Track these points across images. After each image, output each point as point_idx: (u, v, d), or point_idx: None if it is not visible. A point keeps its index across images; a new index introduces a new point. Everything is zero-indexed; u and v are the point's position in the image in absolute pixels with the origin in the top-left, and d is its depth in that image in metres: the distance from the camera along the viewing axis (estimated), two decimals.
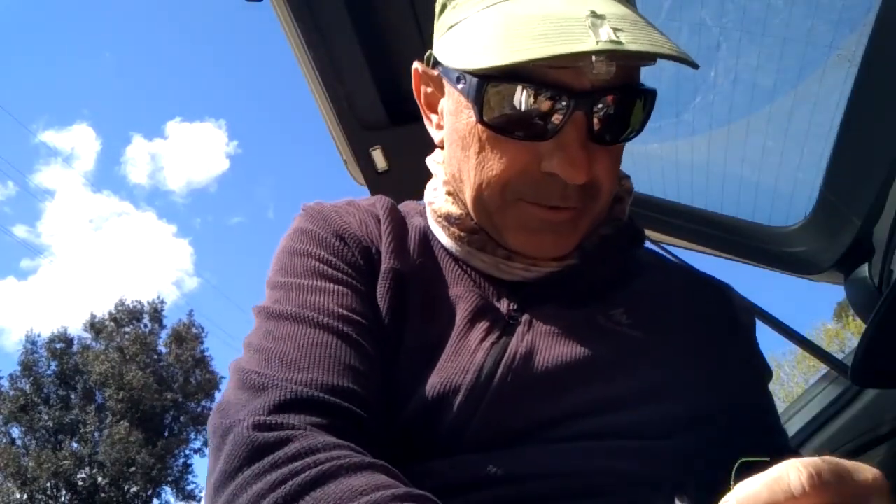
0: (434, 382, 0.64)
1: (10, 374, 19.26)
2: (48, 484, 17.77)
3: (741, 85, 1.30)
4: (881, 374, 1.24)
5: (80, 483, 18.35)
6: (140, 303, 21.43)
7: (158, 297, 22.33)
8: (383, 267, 0.71)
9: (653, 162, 1.59)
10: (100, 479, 18.43)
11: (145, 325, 21.18)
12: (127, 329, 20.60)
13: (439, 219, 0.76)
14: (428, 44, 0.77)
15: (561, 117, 0.63)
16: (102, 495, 18.24)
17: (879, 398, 1.52)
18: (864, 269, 1.32)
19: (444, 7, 0.73)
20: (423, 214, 0.81)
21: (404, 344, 0.68)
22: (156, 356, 20.58)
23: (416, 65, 0.79)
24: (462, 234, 0.74)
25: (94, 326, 20.61)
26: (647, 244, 0.90)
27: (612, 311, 0.71)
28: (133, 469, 17.83)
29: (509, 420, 0.63)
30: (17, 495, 17.63)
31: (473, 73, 0.64)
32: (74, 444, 18.91)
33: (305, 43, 1.34)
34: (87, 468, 18.58)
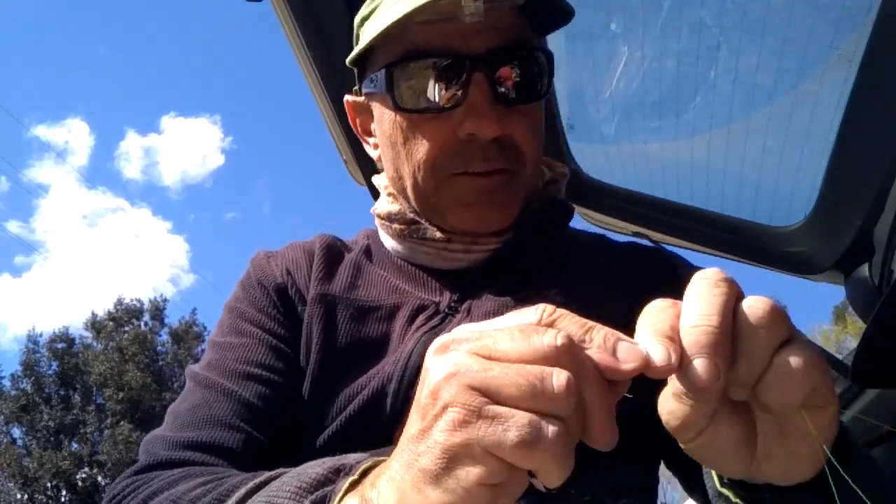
0: (372, 375, 0.70)
1: (12, 374, 19.28)
2: (49, 484, 17.76)
3: (741, 85, 1.30)
4: (881, 374, 1.24)
5: (80, 483, 18.35)
6: (139, 301, 21.45)
7: (161, 296, 22.38)
8: (310, 295, 0.78)
9: (653, 162, 1.59)
10: (100, 478, 18.44)
11: (146, 324, 21.18)
12: (126, 328, 20.59)
13: (383, 222, 0.84)
14: None
15: (464, 82, 0.70)
16: (103, 495, 18.25)
17: (879, 398, 1.52)
18: (864, 269, 1.32)
19: (357, 38, 0.82)
20: (369, 236, 0.89)
21: (340, 354, 0.73)
22: (155, 356, 20.57)
23: (346, 98, 0.88)
24: (402, 227, 0.81)
25: (95, 325, 20.61)
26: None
27: (548, 292, 0.75)
28: None
29: None
30: (18, 495, 17.63)
31: (379, 67, 0.74)
32: (74, 445, 18.92)
33: (305, 43, 1.34)
34: (88, 468, 18.59)
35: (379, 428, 0.67)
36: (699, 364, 0.41)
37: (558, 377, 0.39)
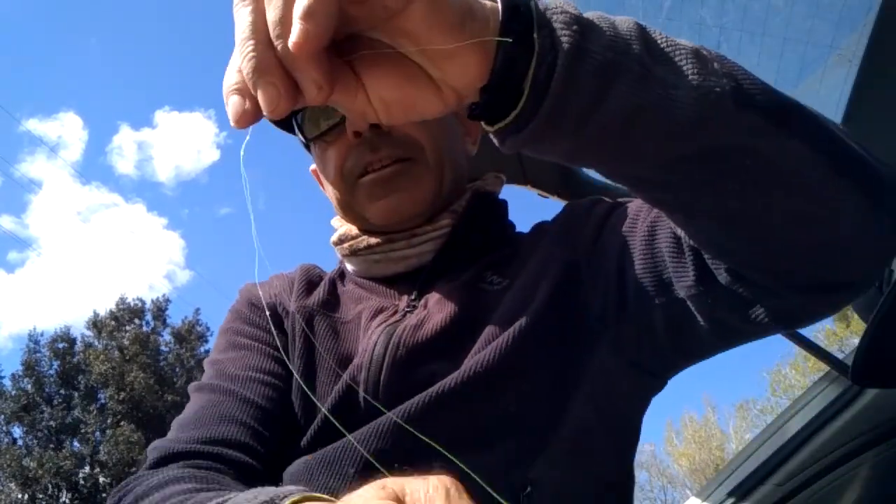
0: (345, 372, 0.75)
1: (13, 374, 19.31)
2: (49, 484, 17.80)
3: None
4: (881, 374, 1.24)
5: (81, 483, 18.38)
6: (141, 301, 21.46)
7: (164, 296, 22.38)
8: (292, 308, 0.85)
9: None
10: (101, 478, 18.47)
11: (147, 324, 21.18)
12: (127, 328, 20.60)
13: (338, 246, 0.90)
14: None
15: None
16: (104, 495, 18.28)
17: (879, 398, 1.52)
18: None
19: None
20: (340, 265, 0.95)
21: (317, 361, 0.79)
22: (157, 356, 20.58)
23: (311, 168, 0.95)
24: (352, 244, 0.87)
25: (97, 325, 20.62)
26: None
27: (486, 274, 0.82)
28: (134, 469, 17.86)
29: (410, 376, 0.72)
30: (19, 495, 17.66)
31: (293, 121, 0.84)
32: (76, 444, 18.95)
33: None
34: (89, 468, 18.62)
35: (356, 417, 0.71)
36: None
37: None
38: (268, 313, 0.86)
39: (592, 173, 1.66)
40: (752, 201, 0.52)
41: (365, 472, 0.65)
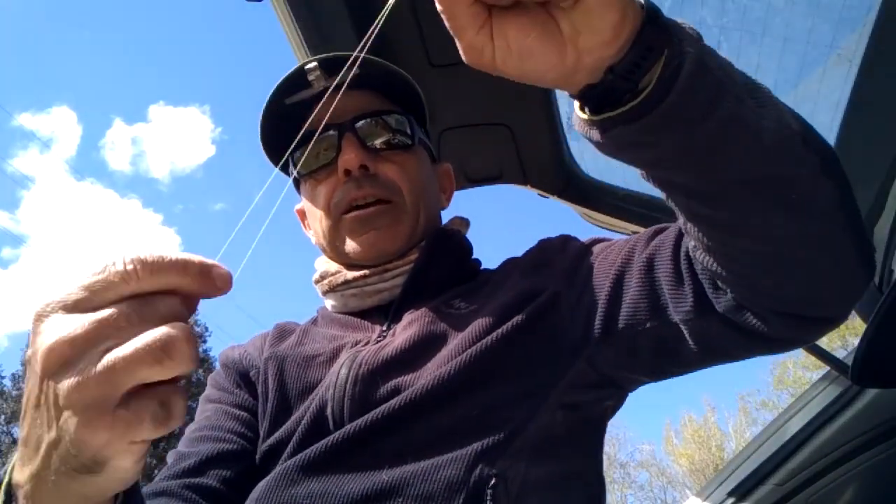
0: (315, 395, 0.80)
1: (13, 374, 19.31)
2: None
3: None
4: (881, 374, 1.24)
5: None
6: None
7: None
8: (264, 356, 0.91)
9: None
10: None
11: None
12: None
13: (319, 284, 0.96)
14: (428, 43, 0.79)
15: (339, 141, 0.89)
16: None
17: (879, 398, 1.52)
18: None
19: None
20: (319, 309, 1.01)
21: (291, 394, 0.84)
22: None
23: (296, 207, 1.05)
24: (331, 280, 0.94)
25: None
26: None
27: (453, 301, 0.87)
28: None
29: (374, 391, 0.76)
30: None
31: (289, 157, 0.92)
32: None
33: (306, 44, 1.34)
34: None
35: (326, 432, 0.75)
36: None
37: None
38: (232, 372, 0.93)
39: (592, 174, 1.65)
40: (782, 226, 0.57)
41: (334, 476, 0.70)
